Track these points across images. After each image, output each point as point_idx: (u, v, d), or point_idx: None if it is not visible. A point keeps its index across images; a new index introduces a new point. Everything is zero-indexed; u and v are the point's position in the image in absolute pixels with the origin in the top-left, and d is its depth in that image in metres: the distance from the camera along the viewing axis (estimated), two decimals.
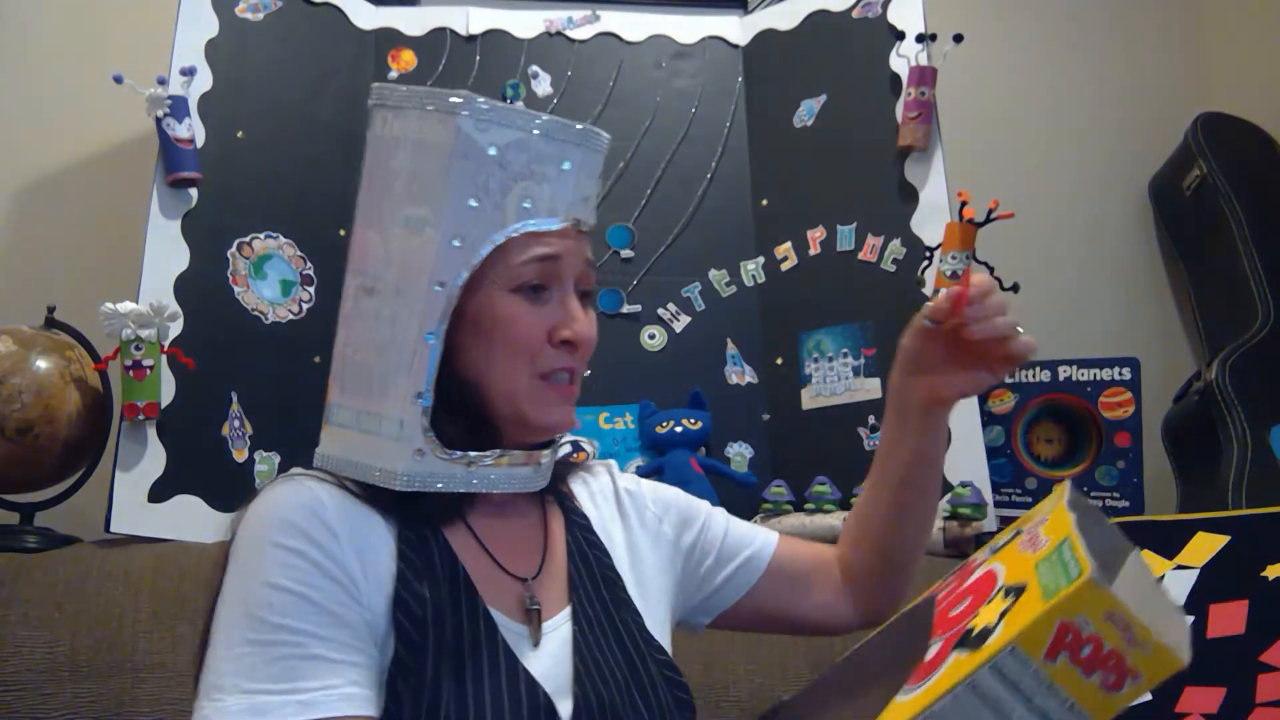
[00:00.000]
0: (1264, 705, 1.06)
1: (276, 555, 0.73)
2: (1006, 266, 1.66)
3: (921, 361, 0.89)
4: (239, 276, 1.66)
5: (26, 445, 1.47)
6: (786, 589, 1.00)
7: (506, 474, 0.83)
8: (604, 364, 1.81)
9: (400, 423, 0.78)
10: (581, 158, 0.82)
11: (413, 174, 0.79)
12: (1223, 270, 1.85)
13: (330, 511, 0.76)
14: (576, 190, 0.82)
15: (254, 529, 0.76)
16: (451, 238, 0.77)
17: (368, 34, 1.90)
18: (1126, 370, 1.68)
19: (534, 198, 0.79)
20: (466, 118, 0.77)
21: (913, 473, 0.94)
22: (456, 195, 0.77)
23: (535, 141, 0.79)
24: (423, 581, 0.77)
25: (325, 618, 0.72)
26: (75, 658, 1.29)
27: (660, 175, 1.89)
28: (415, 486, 0.79)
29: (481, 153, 0.77)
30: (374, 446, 0.80)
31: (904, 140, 1.73)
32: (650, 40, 1.95)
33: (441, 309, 0.78)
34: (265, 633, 0.70)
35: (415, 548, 0.79)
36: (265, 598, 0.72)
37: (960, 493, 1.55)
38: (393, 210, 0.79)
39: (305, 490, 0.78)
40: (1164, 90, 2.12)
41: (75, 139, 1.88)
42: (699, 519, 0.99)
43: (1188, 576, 1.30)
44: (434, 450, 0.79)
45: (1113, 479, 1.66)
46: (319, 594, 0.72)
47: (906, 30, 1.77)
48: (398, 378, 0.79)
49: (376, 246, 0.81)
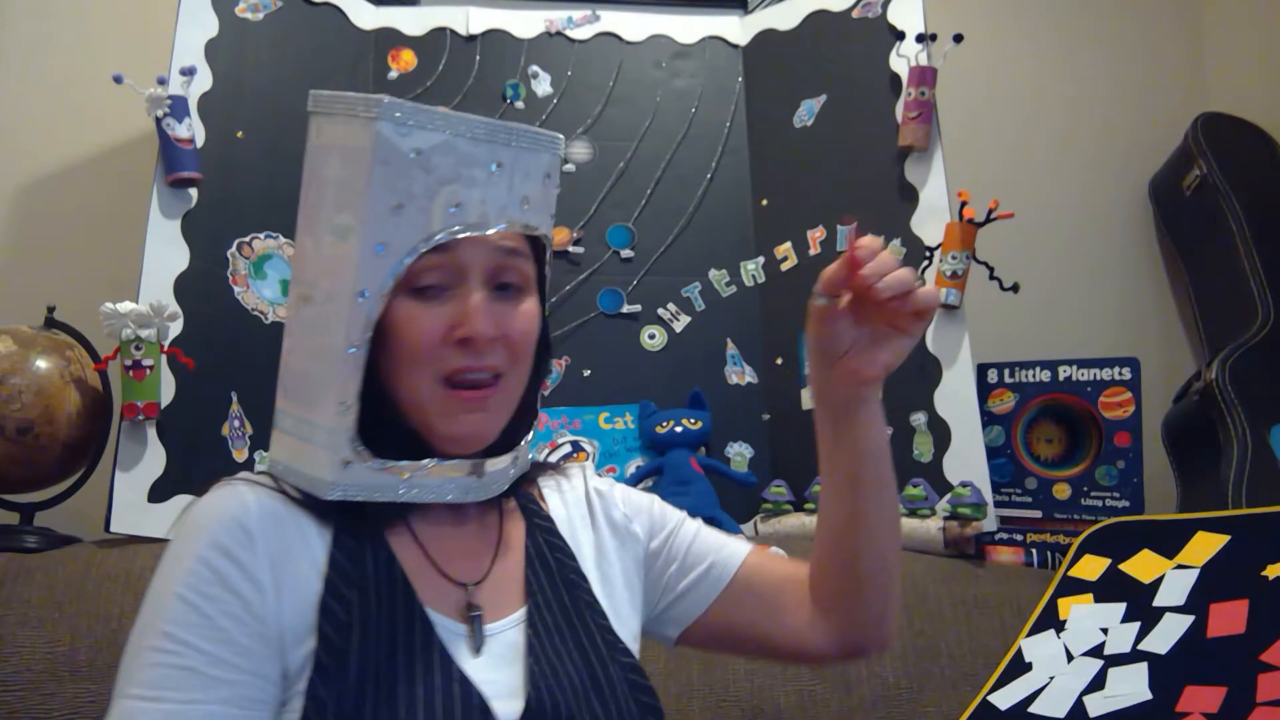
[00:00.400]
0: (1265, 705, 1.06)
1: (186, 564, 0.74)
2: (1006, 266, 1.67)
3: (833, 347, 0.83)
4: (239, 276, 1.66)
5: (26, 445, 1.47)
6: (755, 606, 0.93)
7: (441, 484, 0.81)
8: (604, 364, 1.82)
9: (329, 431, 0.77)
10: (514, 158, 0.79)
11: (340, 181, 0.77)
12: (1223, 270, 1.85)
13: (254, 518, 0.76)
14: (512, 192, 0.79)
15: (179, 536, 0.77)
16: (374, 245, 0.75)
17: (368, 34, 1.90)
18: (1126, 370, 1.68)
19: (463, 202, 0.76)
20: (386, 122, 0.74)
21: (860, 471, 0.87)
22: (378, 201, 0.75)
23: (460, 144, 0.76)
24: (352, 587, 0.76)
25: (211, 631, 0.72)
26: (75, 658, 1.30)
27: (660, 175, 1.89)
28: (344, 496, 0.78)
29: (403, 157, 0.75)
30: (309, 454, 0.79)
31: (904, 140, 1.73)
32: (650, 40, 1.95)
33: (364, 319, 0.76)
34: (152, 639, 0.72)
35: (350, 553, 0.78)
36: (163, 605, 0.73)
37: (960, 493, 1.55)
38: (325, 218, 0.78)
39: (233, 497, 0.77)
40: (1164, 90, 2.12)
41: (75, 139, 1.88)
42: (669, 525, 0.96)
43: (1188, 576, 1.30)
44: (361, 460, 0.78)
45: (1113, 479, 1.66)
46: (212, 605, 0.72)
47: (906, 30, 1.76)
48: (328, 387, 0.78)
49: (312, 255, 0.80)
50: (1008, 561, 1.60)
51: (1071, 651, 1.31)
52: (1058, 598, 1.41)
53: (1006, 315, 1.83)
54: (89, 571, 1.37)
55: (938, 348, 1.65)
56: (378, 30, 1.91)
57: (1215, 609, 1.22)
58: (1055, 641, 1.34)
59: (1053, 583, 1.44)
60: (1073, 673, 1.27)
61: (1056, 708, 1.23)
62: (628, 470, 1.74)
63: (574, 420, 1.77)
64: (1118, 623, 1.31)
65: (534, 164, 0.80)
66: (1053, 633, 1.36)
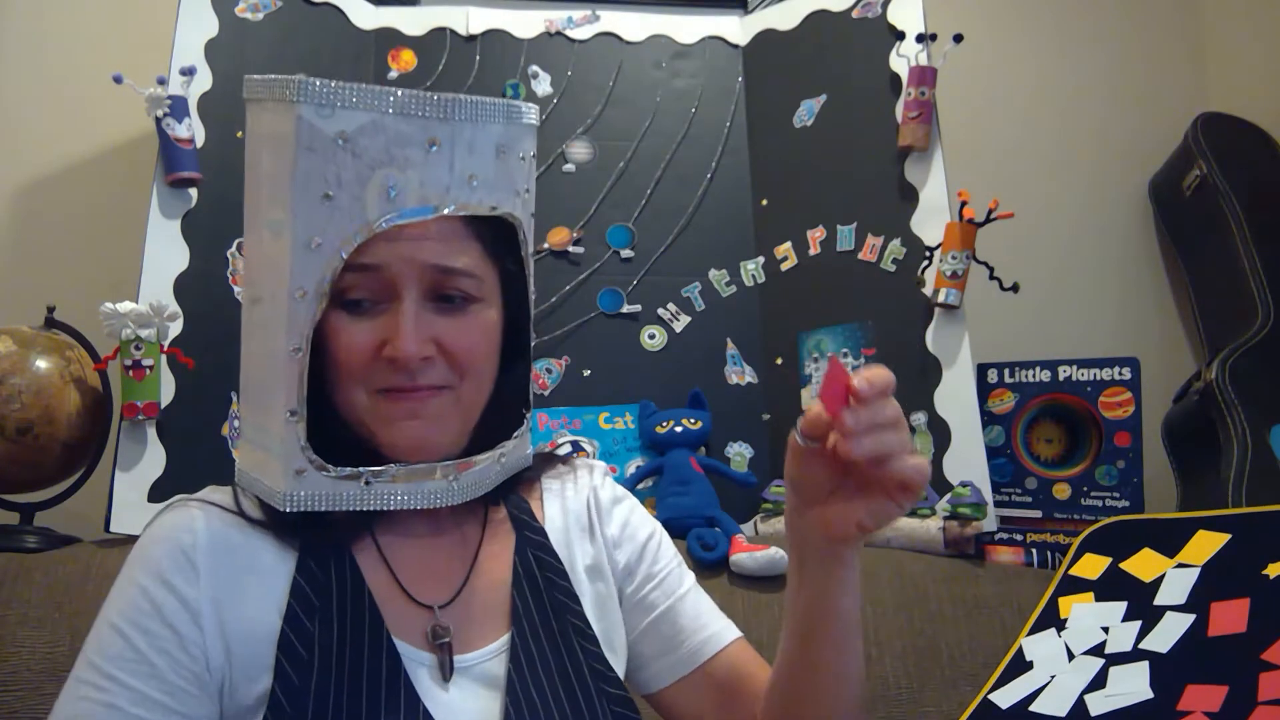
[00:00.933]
0: (1266, 704, 1.06)
1: (127, 591, 0.72)
2: (1006, 266, 1.67)
3: (809, 490, 0.71)
4: (239, 276, 1.66)
5: (26, 445, 1.47)
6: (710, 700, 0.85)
7: (409, 489, 0.75)
8: (604, 364, 1.82)
9: (282, 440, 0.72)
10: (452, 133, 0.71)
11: (270, 173, 0.72)
12: (1223, 270, 1.85)
13: (201, 547, 0.72)
14: (455, 171, 0.72)
15: (129, 559, 0.74)
16: (307, 240, 0.69)
17: (368, 34, 1.90)
18: (1126, 370, 1.68)
19: (399, 186, 0.70)
20: (305, 104, 0.68)
21: (816, 625, 0.75)
22: (306, 192, 0.69)
23: (390, 121, 0.69)
24: (314, 618, 0.72)
25: (142, 667, 0.69)
26: (75, 658, 1.29)
27: (660, 175, 1.89)
28: (300, 506, 0.73)
29: (329, 141, 0.68)
30: (265, 463, 0.75)
31: (904, 140, 1.73)
32: (650, 40, 1.95)
33: (305, 317, 0.71)
34: (84, 670, 0.70)
35: (314, 578, 0.73)
36: (101, 634, 0.71)
37: (960, 493, 1.56)
38: (262, 214, 0.73)
39: (183, 520, 0.74)
40: (1164, 90, 2.12)
41: (75, 139, 1.87)
42: (657, 574, 0.87)
43: (1189, 575, 1.30)
44: (315, 468, 0.73)
45: (1113, 479, 1.66)
46: (146, 640, 0.70)
47: (906, 30, 1.76)
48: (275, 393, 0.73)
49: (254, 253, 0.75)
50: (1008, 561, 1.60)
51: (1072, 650, 1.31)
52: (1058, 596, 1.41)
53: (1006, 315, 1.83)
54: (89, 571, 1.37)
55: (938, 348, 1.65)
56: (378, 30, 1.91)
57: (1216, 608, 1.22)
58: (1056, 640, 1.34)
59: (1053, 581, 1.44)
60: (1074, 671, 1.27)
61: (1057, 706, 1.23)
62: (628, 470, 1.74)
63: (574, 420, 1.77)
64: (1119, 621, 1.31)
65: (479, 137, 0.73)
66: (1053, 631, 1.36)
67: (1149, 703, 1.17)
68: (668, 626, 0.86)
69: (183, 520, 0.75)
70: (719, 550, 1.53)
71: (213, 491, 0.81)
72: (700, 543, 1.54)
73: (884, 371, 0.65)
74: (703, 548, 1.53)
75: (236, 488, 0.80)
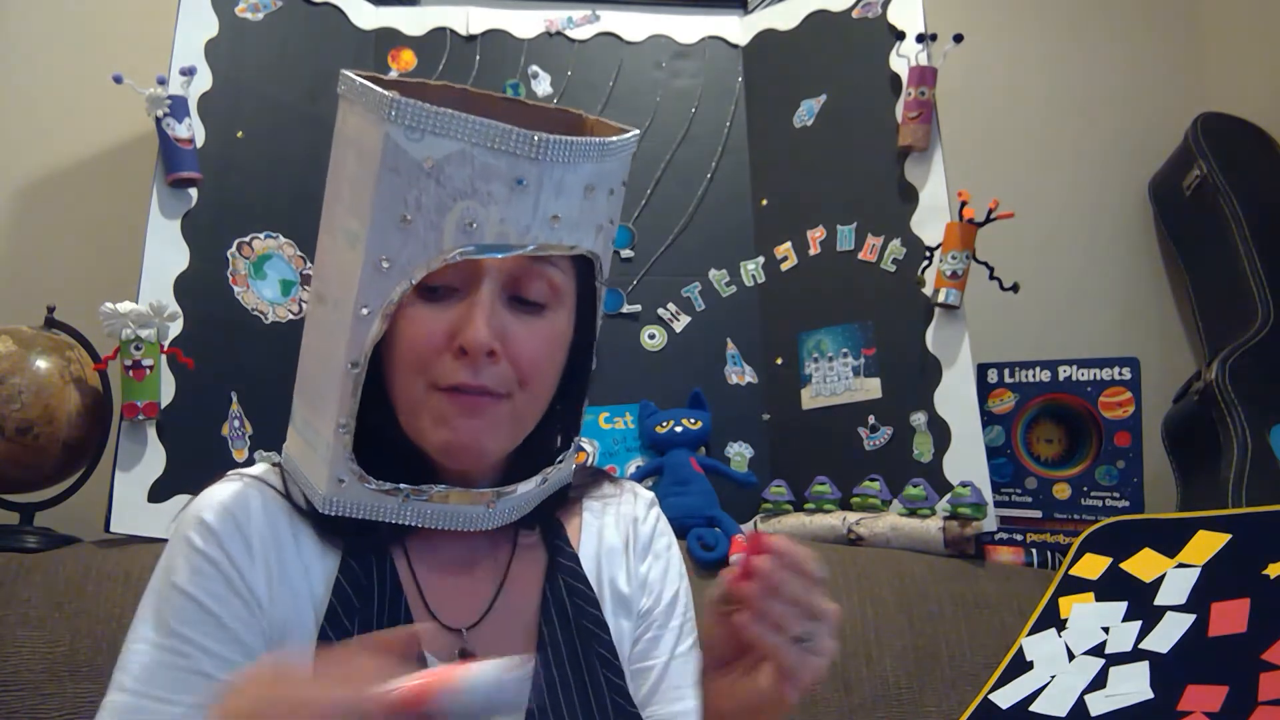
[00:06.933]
0: (1266, 704, 1.06)
1: (191, 558, 0.71)
2: (1006, 266, 1.67)
3: (721, 651, 0.68)
4: (239, 276, 1.66)
5: (26, 445, 1.47)
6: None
7: (447, 511, 0.75)
8: (604, 364, 1.81)
9: (329, 447, 0.72)
10: (540, 174, 0.68)
11: (354, 180, 0.70)
12: (1223, 270, 1.85)
13: (254, 525, 0.73)
14: (539, 212, 0.69)
15: (181, 525, 0.74)
16: (379, 259, 0.68)
17: (368, 34, 1.90)
18: (1126, 370, 1.68)
19: (479, 220, 0.67)
20: (395, 126, 0.66)
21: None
22: (385, 212, 0.67)
23: (479, 154, 0.66)
24: (354, 619, 0.71)
25: (223, 634, 0.69)
26: (75, 658, 1.29)
27: (660, 175, 1.89)
28: (340, 512, 0.73)
29: (415, 166, 0.66)
30: (311, 460, 0.75)
31: (904, 140, 1.73)
32: (650, 40, 1.95)
33: (367, 335, 0.70)
34: (163, 636, 0.69)
35: (357, 580, 0.73)
36: (172, 600, 0.70)
37: (960, 492, 1.55)
38: (340, 218, 0.72)
39: (238, 496, 0.74)
40: (1164, 90, 2.12)
41: (75, 139, 1.87)
42: (653, 629, 0.85)
43: (1189, 575, 1.30)
44: (356, 480, 0.73)
45: (1113, 479, 1.66)
46: (222, 607, 0.70)
47: (906, 30, 1.76)
48: (329, 400, 0.72)
49: (326, 254, 0.74)
50: (1008, 561, 1.60)
51: (1073, 650, 1.31)
52: (1059, 596, 1.41)
53: (1006, 315, 1.83)
54: (89, 571, 1.37)
55: (938, 348, 1.65)
56: (378, 30, 1.91)
57: (1216, 608, 1.22)
58: (1056, 640, 1.34)
59: (1054, 581, 1.44)
60: (1074, 671, 1.27)
61: (1058, 706, 1.23)
62: (628, 470, 1.74)
63: None
64: (1119, 621, 1.31)
65: (569, 177, 0.70)
66: (1054, 631, 1.36)
67: (1149, 703, 1.17)
68: (646, 683, 0.84)
69: (236, 495, 0.74)
70: (719, 550, 1.53)
71: (263, 470, 0.80)
72: (700, 543, 1.54)
73: (795, 549, 0.63)
74: (703, 548, 1.53)
75: (284, 472, 0.79)
